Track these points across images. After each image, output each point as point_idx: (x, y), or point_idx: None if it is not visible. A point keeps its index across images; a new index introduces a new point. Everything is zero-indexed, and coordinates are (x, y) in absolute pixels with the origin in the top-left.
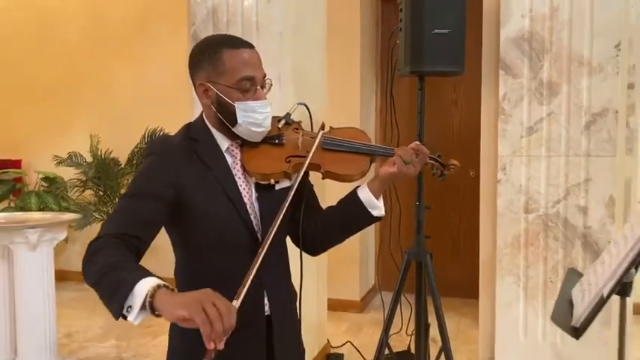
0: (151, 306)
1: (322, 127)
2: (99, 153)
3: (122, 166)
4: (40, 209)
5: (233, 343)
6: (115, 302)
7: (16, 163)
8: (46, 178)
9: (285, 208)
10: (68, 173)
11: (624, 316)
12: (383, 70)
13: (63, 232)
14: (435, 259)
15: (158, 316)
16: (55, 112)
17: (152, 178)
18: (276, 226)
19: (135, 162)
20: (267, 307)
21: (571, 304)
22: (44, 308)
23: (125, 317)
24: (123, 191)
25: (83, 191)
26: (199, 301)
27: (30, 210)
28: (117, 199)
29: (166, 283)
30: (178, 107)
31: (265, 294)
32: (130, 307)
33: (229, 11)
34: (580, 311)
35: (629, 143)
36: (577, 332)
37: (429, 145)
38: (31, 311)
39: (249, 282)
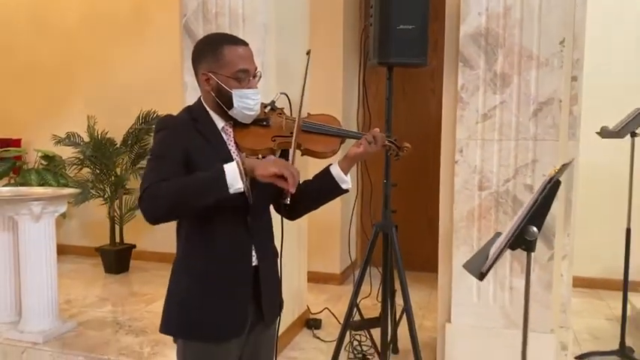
0: (246, 172)
1: (308, 53)
2: (95, 133)
3: (117, 145)
4: (40, 185)
5: (229, 287)
6: (216, 188)
7: (16, 142)
8: (45, 157)
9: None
10: (66, 152)
11: (529, 269)
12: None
13: (63, 205)
14: (411, 236)
15: (253, 177)
16: (54, 93)
17: (168, 145)
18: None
19: (130, 142)
20: (254, 259)
21: (487, 257)
22: (46, 274)
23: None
24: (118, 170)
25: (81, 169)
26: (282, 162)
27: (30, 186)
28: (112, 177)
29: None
30: (171, 91)
31: (253, 247)
32: (231, 184)
33: (217, 4)
34: (488, 260)
35: (572, 129)
36: (482, 276)
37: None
38: (34, 277)
39: (293, 146)
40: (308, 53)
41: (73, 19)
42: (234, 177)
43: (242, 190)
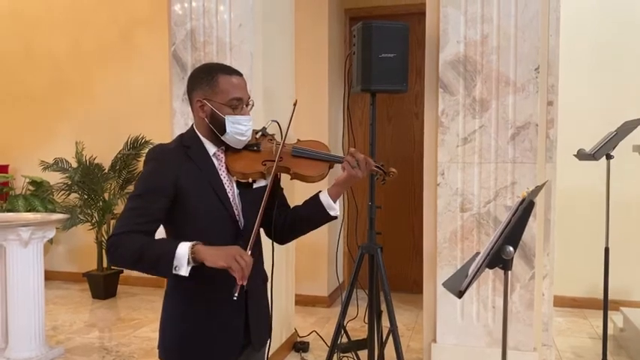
0: (194, 260)
1: (295, 104)
2: (83, 159)
3: (105, 171)
4: (27, 211)
5: (219, 310)
6: (164, 267)
7: (3, 169)
8: (32, 182)
9: (268, 192)
10: (54, 177)
11: (507, 286)
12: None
13: (52, 231)
14: (398, 258)
15: (202, 264)
16: (42, 119)
17: (155, 179)
18: (264, 202)
19: (118, 167)
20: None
21: (466, 276)
22: (34, 300)
23: (174, 274)
24: (106, 195)
25: (69, 195)
26: (232, 255)
27: (18, 212)
28: (100, 202)
29: (196, 242)
30: (159, 116)
31: None
32: (177, 266)
33: (205, 33)
34: (466, 279)
35: (549, 152)
36: (460, 294)
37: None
38: (21, 303)
39: (253, 237)
40: (294, 104)
41: (61, 46)
42: (181, 262)
43: (186, 275)
